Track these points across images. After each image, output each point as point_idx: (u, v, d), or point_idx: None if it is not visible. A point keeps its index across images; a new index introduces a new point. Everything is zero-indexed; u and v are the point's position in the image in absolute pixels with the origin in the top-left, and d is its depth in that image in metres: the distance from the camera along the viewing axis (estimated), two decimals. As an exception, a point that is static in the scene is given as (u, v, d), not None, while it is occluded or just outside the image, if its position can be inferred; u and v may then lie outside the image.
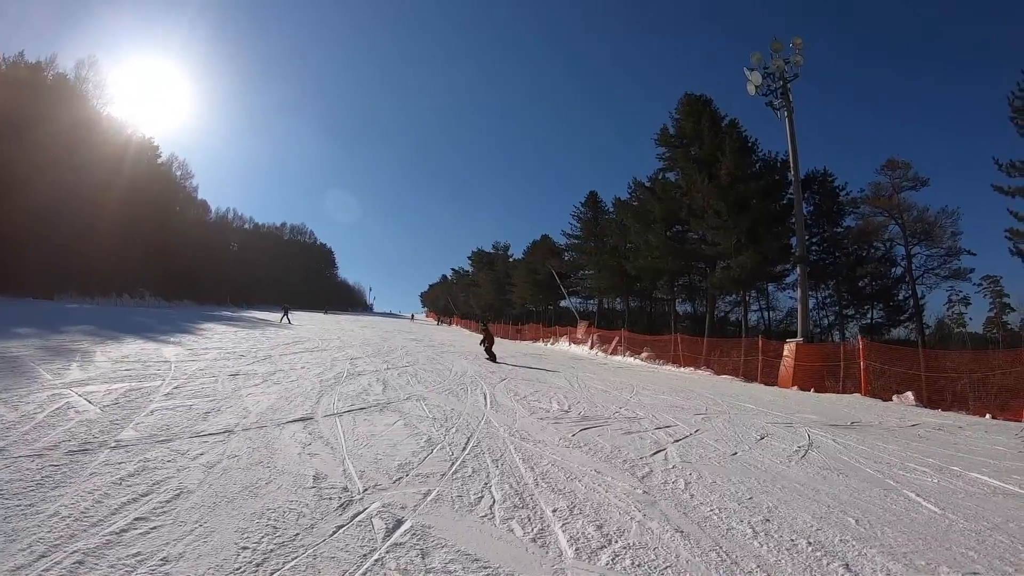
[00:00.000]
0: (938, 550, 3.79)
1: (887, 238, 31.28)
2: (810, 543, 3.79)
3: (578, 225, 47.06)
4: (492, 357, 18.01)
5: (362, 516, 3.76)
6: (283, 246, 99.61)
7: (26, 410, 5.88)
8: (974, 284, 29.59)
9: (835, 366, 15.72)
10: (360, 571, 2.99)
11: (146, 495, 3.83)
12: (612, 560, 3.35)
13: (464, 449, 5.80)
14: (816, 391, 14.80)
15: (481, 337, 19.55)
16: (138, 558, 2.94)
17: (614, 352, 25.87)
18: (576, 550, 3.46)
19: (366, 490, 4.29)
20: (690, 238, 33.02)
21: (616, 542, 3.62)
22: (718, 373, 19.10)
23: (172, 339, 14.95)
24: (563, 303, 51.19)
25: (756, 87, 20.60)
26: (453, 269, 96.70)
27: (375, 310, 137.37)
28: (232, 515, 3.61)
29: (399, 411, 7.66)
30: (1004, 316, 28.99)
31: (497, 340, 36.47)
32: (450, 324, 75.72)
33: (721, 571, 3.27)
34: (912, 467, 6.28)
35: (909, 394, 13.02)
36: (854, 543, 3.83)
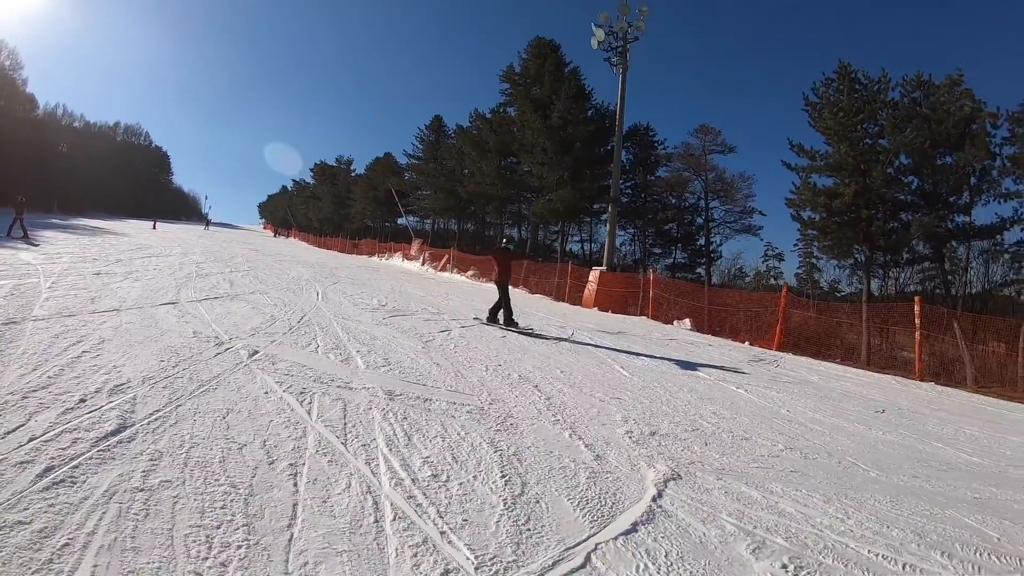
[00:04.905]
0: (607, 388, 6.44)
1: (690, 191, 36.58)
2: (520, 376, 6.55)
3: (420, 147, 48.81)
4: (507, 319, 10.29)
5: (232, 349, 6.07)
6: (116, 148, 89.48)
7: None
8: (792, 243, 34.66)
9: (636, 294, 18.14)
10: (236, 369, 5.34)
11: (79, 342, 5.73)
12: (387, 371, 5.96)
13: (299, 321, 8.20)
14: (614, 312, 17.17)
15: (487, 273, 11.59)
16: (95, 366, 4.99)
17: (443, 269, 28.45)
18: (367, 366, 6.04)
19: (231, 339, 6.57)
20: (520, 170, 36.21)
21: (393, 365, 6.25)
22: (533, 292, 21.88)
23: (19, 246, 15.40)
24: (400, 221, 53.18)
25: (599, 43, 22.32)
26: (294, 180, 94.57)
27: (213, 220, 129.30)
28: (145, 349, 5.73)
29: (247, 300, 9.80)
30: (813, 274, 33.61)
31: (334, 254, 36.95)
32: (287, 237, 74.99)
33: (454, 381, 5.93)
34: (635, 356, 8.74)
35: (687, 320, 15.61)
36: (550, 379, 6.58)
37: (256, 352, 6.05)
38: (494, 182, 35.72)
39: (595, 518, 3.20)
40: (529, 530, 2.97)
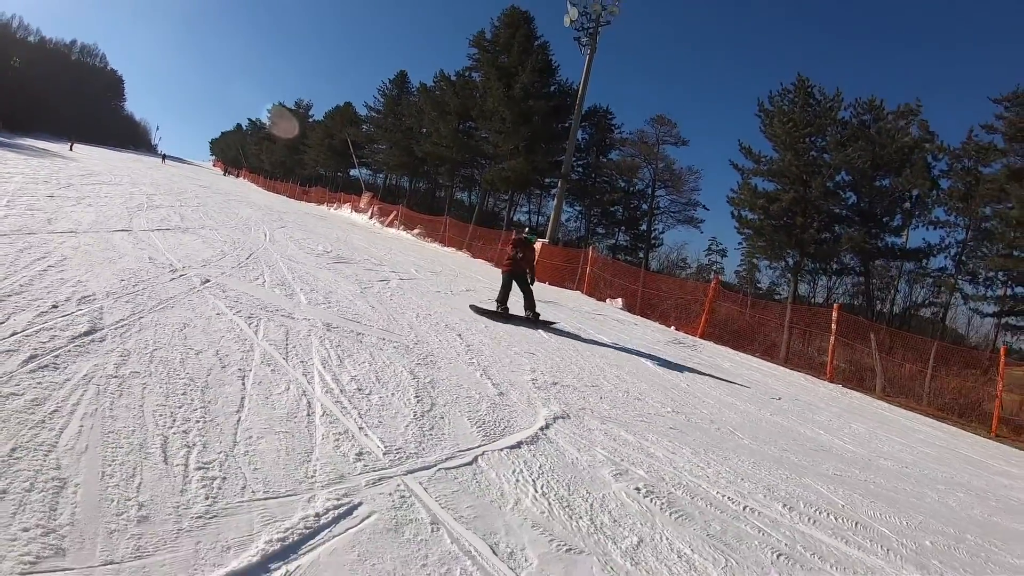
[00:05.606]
0: (524, 345, 7.25)
1: (639, 177, 38.00)
2: (447, 326, 7.29)
3: (382, 100, 48.58)
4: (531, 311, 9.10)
5: (185, 276, 6.65)
6: (70, 68, 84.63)
7: None
8: (737, 242, 35.76)
9: (575, 269, 18.68)
10: (190, 293, 5.94)
11: (43, 258, 6.16)
12: (327, 307, 6.65)
13: (248, 258, 8.77)
14: (551, 284, 17.61)
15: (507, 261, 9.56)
16: (62, 279, 5.49)
17: (391, 225, 28.89)
18: (309, 302, 6.72)
19: (184, 268, 7.12)
20: (477, 135, 36.78)
21: (332, 304, 6.93)
22: (475, 257, 22.44)
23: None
24: (353, 172, 52.98)
25: (572, 21, 22.61)
26: (250, 119, 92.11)
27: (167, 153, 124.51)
28: (105, 269, 6.24)
29: (197, 234, 10.25)
30: (754, 274, 34.96)
31: (283, 199, 36.81)
32: (237, 176, 73.44)
33: (386, 322, 6.64)
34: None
35: (619, 299, 16.13)
36: (474, 332, 7.33)
37: (208, 280, 6.64)
38: (450, 144, 36.20)
39: (488, 434, 4.00)
40: (431, 435, 3.75)
